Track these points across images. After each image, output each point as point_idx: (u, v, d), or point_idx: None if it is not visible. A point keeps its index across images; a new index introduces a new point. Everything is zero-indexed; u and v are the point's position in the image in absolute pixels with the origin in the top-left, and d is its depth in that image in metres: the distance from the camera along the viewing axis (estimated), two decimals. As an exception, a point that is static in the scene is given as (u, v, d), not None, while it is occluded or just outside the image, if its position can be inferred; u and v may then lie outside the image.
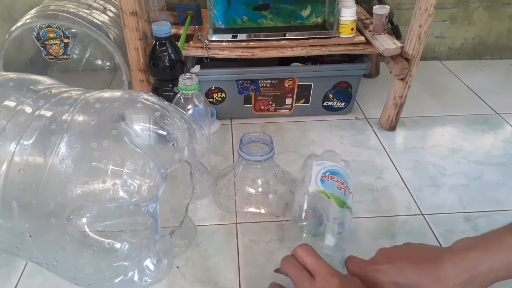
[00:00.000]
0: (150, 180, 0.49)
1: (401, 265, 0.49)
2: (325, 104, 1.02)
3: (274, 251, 0.67)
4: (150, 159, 0.49)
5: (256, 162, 0.70)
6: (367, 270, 0.50)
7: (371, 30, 0.94)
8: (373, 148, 0.93)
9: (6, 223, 0.51)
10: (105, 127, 0.50)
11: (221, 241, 0.69)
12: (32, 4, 1.17)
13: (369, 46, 0.92)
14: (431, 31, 1.33)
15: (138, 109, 0.53)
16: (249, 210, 0.73)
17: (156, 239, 0.53)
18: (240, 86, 0.95)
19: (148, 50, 0.81)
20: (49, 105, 0.54)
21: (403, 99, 0.93)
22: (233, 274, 0.63)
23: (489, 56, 1.41)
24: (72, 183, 0.47)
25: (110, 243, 0.48)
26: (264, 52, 0.90)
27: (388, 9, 0.91)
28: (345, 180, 0.68)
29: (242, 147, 0.70)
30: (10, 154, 0.50)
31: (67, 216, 0.46)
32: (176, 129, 0.53)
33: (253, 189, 0.73)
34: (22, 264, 0.65)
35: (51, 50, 0.97)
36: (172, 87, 0.82)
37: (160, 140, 0.52)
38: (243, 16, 0.96)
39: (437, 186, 0.81)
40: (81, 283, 0.55)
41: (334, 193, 0.65)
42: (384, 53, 0.86)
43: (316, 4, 0.96)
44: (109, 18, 1.03)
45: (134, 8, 0.76)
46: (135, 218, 0.49)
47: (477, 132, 0.99)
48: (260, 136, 0.73)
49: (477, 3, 1.30)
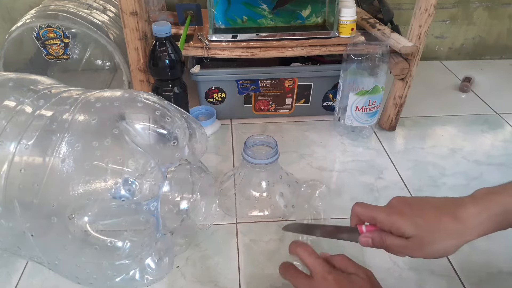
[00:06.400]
0: (151, 179, 0.49)
1: (422, 207, 0.49)
2: (325, 104, 1.02)
3: (274, 251, 0.67)
4: (151, 157, 0.49)
5: (261, 166, 0.69)
6: (385, 213, 0.50)
7: (380, 29, 0.94)
8: (373, 148, 0.93)
9: (8, 223, 0.51)
10: (106, 126, 0.50)
11: (221, 241, 0.69)
12: (32, 4, 1.17)
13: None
14: (431, 31, 1.33)
15: (138, 108, 0.53)
16: (253, 214, 0.73)
17: (157, 238, 0.53)
18: (240, 86, 0.95)
19: (148, 50, 0.81)
20: (49, 105, 0.54)
21: (403, 99, 0.94)
22: (233, 274, 0.63)
23: (489, 56, 1.41)
24: (73, 182, 0.47)
25: (112, 241, 0.48)
26: (264, 52, 0.90)
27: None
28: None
29: (247, 150, 0.69)
30: (11, 154, 0.50)
31: (69, 215, 0.46)
32: (177, 128, 0.53)
33: (257, 193, 0.73)
34: (22, 264, 0.65)
35: (51, 50, 0.97)
36: (172, 87, 0.82)
37: (160, 139, 0.52)
38: (243, 16, 0.96)
39: (437, 186, 0.81)
40: (83, 282, 0.55)
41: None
42: (402, 51, 0.86)
43: (316, 4, 0.96)
44: (109, 18, 1.03)
45: (134, 8, 0.76)
46: (137, 217, 0.49)
47: (477, 132, 0.99)
48: (264, 139, 0.72)
49: (477, 3, 1.30)
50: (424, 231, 0.47)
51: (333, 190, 0.80)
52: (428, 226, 0.47)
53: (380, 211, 0.50)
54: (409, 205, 0.50)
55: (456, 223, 0.46)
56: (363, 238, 0.51)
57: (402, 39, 0.88)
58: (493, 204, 0.47)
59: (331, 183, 0.82)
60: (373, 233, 0.51)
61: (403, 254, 0.50)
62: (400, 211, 0.49)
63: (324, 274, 0.48)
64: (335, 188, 0.80)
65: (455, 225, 0.46)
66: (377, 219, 0.50)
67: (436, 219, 0.47)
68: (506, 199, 0.47)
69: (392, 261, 0.65)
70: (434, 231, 0.47)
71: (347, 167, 0.87)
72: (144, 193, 0.48)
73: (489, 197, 0.48)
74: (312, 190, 0.73)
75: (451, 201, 0.49)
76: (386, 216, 0.49)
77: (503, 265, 0.65)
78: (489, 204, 0.47)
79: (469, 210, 0.47)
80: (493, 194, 0.48)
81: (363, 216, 0.52)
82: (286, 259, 0.55)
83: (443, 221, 0.47)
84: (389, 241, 0.49)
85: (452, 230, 0.47)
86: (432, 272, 0.64)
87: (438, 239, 0.47)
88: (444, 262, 0.65)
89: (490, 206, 0.47)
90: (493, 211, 0.46)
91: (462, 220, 0.46)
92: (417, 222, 0.47)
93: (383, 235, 0.50)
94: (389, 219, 0.49)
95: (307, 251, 0.51)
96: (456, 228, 0.46)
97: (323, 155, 0.90)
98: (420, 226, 0.47)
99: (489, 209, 0.47)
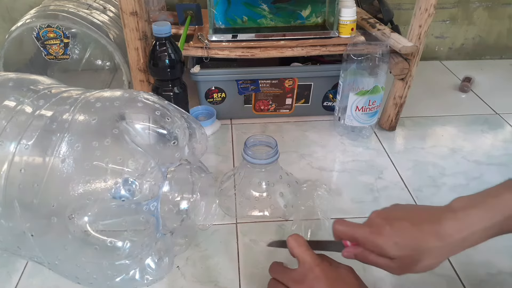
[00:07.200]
0: (151, 179, 0.49)
1: (402, 225, 0.48)
2: (325, 104, 1.02)
3: (274, 251, 0.67)
4: (151, 157, 0.49)
5: (261, 166, 0.69)
6: (366, 233, 0.49)
7: (380, 29, 0.94)
8: (373, 148, 0.93)
9: (8, 223, 0.51)
10: (106, 126, 0.50)
11: (221, 241, 0.69)
12: (32, 4, 1.17)
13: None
14: (431, 31, 1.33)
15: (138, 108, 0.53)
16: (253, 214, 0.73)
17: (157, 238, 0.53)
18: (240, 86, 0.95)
19: (148, 50, 0.81)
20: (49, 105, 0.54)
21: (403, 99, 0.94)
22: (233, 274, 0.63)
23: (489, 56, 1.41)
24: (73, 182, 0.47)
25: (112, 241, 0.48)
26: (264, 52, 0.90)
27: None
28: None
29: (247, 150, 0.69)
30: (11, 154, 0.50)
31: (69, 215, 0.46)
32: (177, 128, 0.53)
33: (257, 193, 0.73)
34: (22, 264, 0.65)
35: (51, 50, 0.97)
36: (172, 87, 0.82)
37: (160, 138, 0.52)
38: (243, 16, 0.96)
39: (437, 186, 0.81)
40: (83, 282, 0.55)
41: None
42: (402, 51, 0.86)
43: (316, 4, 0.96)
44: (109, 18, 1.03)
45: (134, 8, 0.76)
46: (137, 217, 0.49)
47: (477, 132, 0.99)
48: (264, 139, 0.72)
49: (477, 3, 1.30)
50: (407, 252, 0.46)
51: (333, 190, 0.80)
52: (411, 246, 0.46)
53: (360, 231, 0.49)
54: (389, 223, 0.48)
55: (438, 241, 0.46)
56: (346, 253, 0.51)
57: (402, 39, 0.88)
58: (475, 220, 0.46)
59: (331, 183, 0.82)
60: (356, 249, 0.50)
61: (387, 271, 0.50)
62: (380, 231, 0.48)
63: (312, 265, 0.48)
64: (335, 188, 0.80)
65: (437, 243, 0.46)
66: (359, 240, 0.49)
67: (418, 238, 0.47)
68: (486, 214, 0.46)
69: (392, 261, 0.65)
70: (418, 250, 0.46)
71: (347, 167, 0.87)
72: (144, 193, 0.48)
73: (470, 211, 0.47)
74: (312, 190, 0.73)
75: (431, 216, 0.48)
76: (367, 235, 0.48)
77: (503, 265, 0.65)
78: (471, 221, 0.46)
79: (451, 227, 0.46)
80: (474, 209, 0.47)
81: (344, 235, 0.50)
82: (286, 260, 0.55)
83: (425, 240, 0.46)
84: (372, 259, 0.49)
85: (435, 248, 0.46)
86: (432, 272, 0.64)
87: (421, 258, 0.46)
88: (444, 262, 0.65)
89: (472, 222, 0.46)
90: (476, 227, 0.46)
91: (444, 237, 0.46)
92: (399, 243, 0.46)
93: (366, 253, 0.49)
94: (370, 239, 0.48)
95: (297, 241, 0.51)
96: (438, 246, 0.46)
97: (323, 155, 0.90)
98: (402, 247, 0.46)
99: (471, 225, 0.46)
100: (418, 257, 0.46)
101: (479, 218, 0.46)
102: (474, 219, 0.46)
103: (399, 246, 0.46)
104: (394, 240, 0.47)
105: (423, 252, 0.46)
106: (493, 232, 0.47)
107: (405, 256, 0.46)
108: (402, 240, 0.47)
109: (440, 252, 0.46)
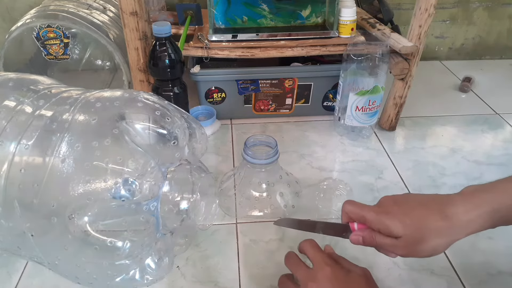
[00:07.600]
0: (151, 179, 0.49)
1: (409, 205, 0.49)
2: (325, 104, 1.02)
3: (274, 251, 0.67)
4: (151, 157, 0.49)
5: (261, 166, 0.69)
6: (373, 212, 0.50)
7: (380, 29, 0.94)
8: (373, 148, 0.93)
9: (8, 223, 0.51)
10: (106, 126, 0.50)
11: (221, 241, 0.69)
12: (32, 4, 1.17)
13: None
14: (431, 31, 1.33)
15: (138, 108, 0.53)
16: (253, 214, 0.73)
17: (157, 238, 0.53)
18: (240, 86, 0.95)
19: (148, 50, 0.81)
20: (49, 105, 0.54)
21: (403, 99, 0.94)
22: (233, 274, 0.63)
23: (489, 56, 1.41)
24: (73, 182, 0.47)
25: (112, 241, 0.48)
26: (264, 52, 0.90)
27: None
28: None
29: (247, 150, 0.69)
30: (11, 154, 0.50)
31: (69, 215, 0.46)
32: (177, 128, 0.53)
33: (257, 193, 0.73)
34: (22, 264, 0.65)
35: (51, 50, 0.97)
36: (172, 87, 0.82)
37: (160, 138, 0.52)
38: (243, 16, 0.96)
39: (437, 186, 0.81)
40: (83, 282, 0.55)
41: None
42: (402, 51, 0.86)
43: (316, 4, 0.96)
44: (109, 18, 1.03)
45: (134, 8, 0.76)
46: (137, 217, 0.49)
47: (477, 132, 0.99)
48: (264, 139, 0.73)
49: (477, 3, 1.30)
50: (412, 230, 0.47)
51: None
52: (416, 225, 0.47)
53: (369, 211, 0.50)
54: (397, 203, 0.50)
55: (444, 221, 0.46)
56: (354, 236, 0.52)
57: (402, 39, 0.88)
58: (483, 202, 0.46)
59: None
60: (364, 232, 0.51)
61: (393, 253, 0.50)
62: (388, 211, 0.49)
63: (323, 265, 0.49)
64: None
65: (443, 223, 0.46)
66: (366, 218, 0.50)
67: (424, 217, 0.47)
68: (495, 197, 0.47)
69: (392, 261, 0.65)
70: (422, 229, 0.47)
71: (347, 167, 0.87)
72: (144, 193, 0.48)
73: (478, 194, 0.47)
74: (331, 189, 0.72)
75: (440, 198, 0.49)
76: (375, 215, 0.49)
77: (503, 266, 0.65)
78: (478, 202, 0.47)
79: (458, 208, 0.47)
80: (482, 192, 0.48)
81: (353, 214, 0.52)
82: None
83: (431, 219, 0.47)
84: (378, 240, 0.49)
85: (441, 228, 0.46)
86: (432, 272, 0.64)
87: (426, 238, 0.47)
88: (444, 262, 0.65)
89: (480, 204, 0.46)
90: (482, 209, 0.46)
91: (450, 218, 0.46)
92: (405, 221, 0.47)
93: (373, 234, 0.50)
94: (377, 218, 0.49)
95: (311, 244, 0.53)
96: (444, 226, 0.46)
97: (323, 155, 0.90)
98: (408, 225, 0.47)
99: (478, 207, 0.46)
100: (423, 236, 0.47)
101: (487, 201, 0.47)
102: (481, 201, 0.47)
103: (404, 225, 0.47)
104: (399, 219, 0.47)
105: (428, 231, 0.46)
106: (500, 216, 0.46)
107: (410, 234, 0.47)
108: (408, 219, 0.47)
109: (445, 233, 0.47)
